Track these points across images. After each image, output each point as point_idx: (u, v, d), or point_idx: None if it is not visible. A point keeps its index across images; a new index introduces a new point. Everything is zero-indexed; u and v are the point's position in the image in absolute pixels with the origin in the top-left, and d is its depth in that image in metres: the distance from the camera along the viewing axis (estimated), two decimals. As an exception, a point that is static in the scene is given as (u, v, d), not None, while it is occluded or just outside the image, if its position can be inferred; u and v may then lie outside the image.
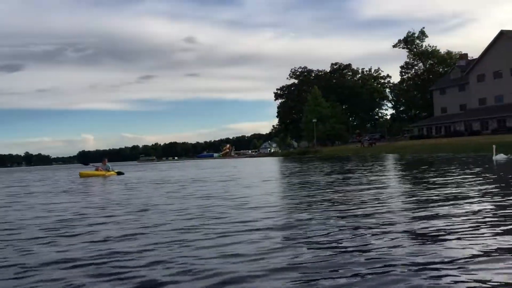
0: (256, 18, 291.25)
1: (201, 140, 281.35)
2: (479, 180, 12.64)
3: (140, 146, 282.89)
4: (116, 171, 29.99)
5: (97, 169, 28.89)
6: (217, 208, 9.00)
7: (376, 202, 8.91)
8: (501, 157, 22.40)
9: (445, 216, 6.82)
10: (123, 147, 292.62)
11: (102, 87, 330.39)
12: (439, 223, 6.30)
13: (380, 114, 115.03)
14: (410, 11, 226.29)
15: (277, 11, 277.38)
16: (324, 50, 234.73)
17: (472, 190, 10.26)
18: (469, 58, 79.70)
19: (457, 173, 15.58)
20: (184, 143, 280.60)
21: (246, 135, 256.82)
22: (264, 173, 24.32)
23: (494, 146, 23.52)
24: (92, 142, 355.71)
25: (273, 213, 8.03)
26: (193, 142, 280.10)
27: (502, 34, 64.58)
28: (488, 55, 66.65)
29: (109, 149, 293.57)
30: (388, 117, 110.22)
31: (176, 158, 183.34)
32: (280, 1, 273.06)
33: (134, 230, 6.78)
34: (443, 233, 5.65)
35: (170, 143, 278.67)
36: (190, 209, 9.00)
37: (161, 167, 54.74)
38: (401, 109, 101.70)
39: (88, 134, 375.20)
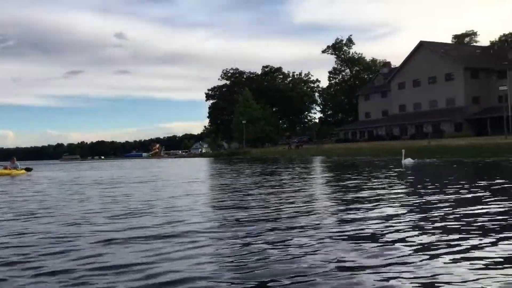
0: (190, 17, 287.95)
1: (131, 139, 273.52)
2: (387, 182, 13.03)
3: (65, 144, 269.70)
4: (24, 168, 28.72)
5: (5, 168, 27.21)
6: (109, 212, 8.45)
7: (292, 203, 8.89)
8: (408, 161, 23.65)
9: (358, 218, 6.91)
10: (47, 144, 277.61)
11: (25, 81, 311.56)
12: (350, 224, 6.37)
13: (309, 118, 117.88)
14: (341, 19, 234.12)
15: (211, 11, 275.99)
16: (256, 52, 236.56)
17: (378, 192, 10.47)
18: (392, 66, 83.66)
19: (366, 176, 16.04)
20: (112, 142, 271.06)
21: (178, 135, 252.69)
22: (186, 174, 23.81)
23: (403, 151, 24.78)
24: (12, 138, 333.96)
25: (164, 217, 7.62)
26: (122, 141, 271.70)
27: (422, 45, 68.36)
28: (408, 64, 70.30)
29: (31, 146, 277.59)
30: (317, 120, 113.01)
31: (102, 157, 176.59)
32: (215, 1, 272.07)
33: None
34: (355, 233, 5.76)
35: (98, 142, 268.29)
36: (72, 215, 8.38)
37: (83, 166, 52.45)
38: (329, 113, 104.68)
39: (7, 130, 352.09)
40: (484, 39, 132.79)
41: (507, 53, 62.07)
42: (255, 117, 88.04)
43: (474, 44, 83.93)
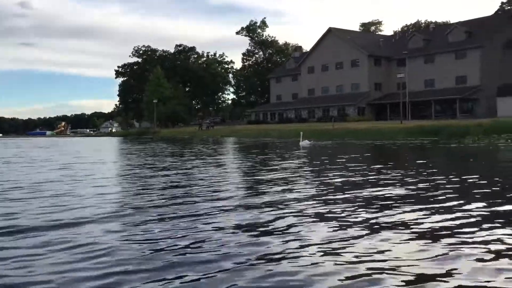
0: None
1: (35, 116, 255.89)
2: (278, 163, 13.23)
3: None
4: None
5: None
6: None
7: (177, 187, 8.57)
8: (305, 143, 24.49)
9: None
10: None
11: None
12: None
13: (222, 99, 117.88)
14: (257, 1, 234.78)
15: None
16: (172, 31, 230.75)
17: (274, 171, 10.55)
18: (303, 51, 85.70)
19: (262, 157, 16.24)
20: (13, 119, 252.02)
21: (87, 113, 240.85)
22: (73, 154, 22.60)
23: (301, 133, 25.65)
24: None
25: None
26: (25, 118, 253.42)
27: (330, 31, 70.62)
28: (317, 50, 72.38)
29: None
30: (230, 102, 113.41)
31: (0, 134, 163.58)
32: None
33: None
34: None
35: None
36: None
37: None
38: (242, 94, 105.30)
39: None
40: (388, 29, 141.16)
41: (407, 42, 66.04)
42: (166, 97, 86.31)
43: (379, 33, 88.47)
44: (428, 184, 8.33)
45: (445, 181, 8.63)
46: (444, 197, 6.85)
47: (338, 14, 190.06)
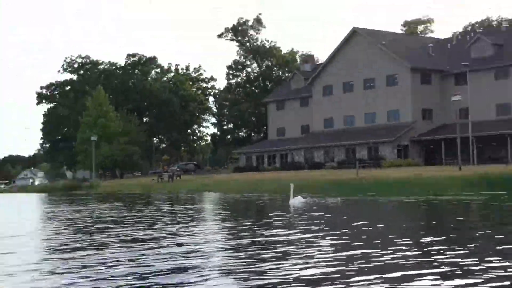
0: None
1: None
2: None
3: None
4: None
5: None
6: None
7: None
8: (297, 201, 24.31)
9: None
10: None
11: None
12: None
13: (199, 134, 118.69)
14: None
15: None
16: (123, 34, 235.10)
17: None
18: (316, 62, 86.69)
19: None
20: None
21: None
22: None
23: (291, 186, 25.41)
24: None
25: None
26: None
27: (355, 33, 71.60)
28: (336, 60, 73.17)
29: None
30: (209, 138, 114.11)
31: None
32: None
33: None
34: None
35: None
36: None
37: None
38: (227, 127, 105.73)
39: None
40: (443, 30, 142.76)
41: (470, 49, 66.79)
42: (111, 132, 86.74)
43: (430, 35, 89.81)
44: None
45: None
46: None
47: (370, 10, 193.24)
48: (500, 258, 9.26)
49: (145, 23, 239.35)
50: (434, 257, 9.57)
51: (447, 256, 9.62)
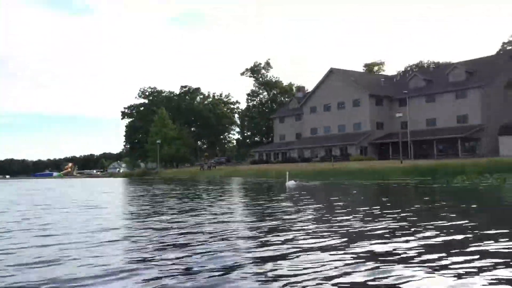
0: (109, 31, 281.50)
1: (45, 158, 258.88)
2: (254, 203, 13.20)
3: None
4: None
5: None
6: None
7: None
8: (291, 183, 24.42)
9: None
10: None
11: None
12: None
13: (228, 139, 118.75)
14: (265, 41, 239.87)
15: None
16: (178, 71, 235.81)
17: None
18: (306, 91, 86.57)
19: (242, 197, 16.23)
20: (23, 161, 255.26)
21: (96, 154, 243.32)
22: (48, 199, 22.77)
23: (287, 173, 25.55)
24: None
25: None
26: (34, 160, 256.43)
27: (332, 72, 71.52)
28: (319, 89, 73.13)
29: None
30: (235, 142, 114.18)
31: (7, 176, 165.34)
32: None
33: None
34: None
35: (6, 160, 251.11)
36: None
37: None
38: (247, 134, 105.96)
39: None
40: (391, 69, 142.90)
41: (409, 82, 66.54)
42: (170, 137, 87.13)
43: (382, 73, 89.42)
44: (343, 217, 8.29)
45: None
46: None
47: (342, 54, 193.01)
48: (427, 218, 9.36)
49: (193, 64, 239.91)
50: (378, 218, 9.67)
51: (385, 218, 9.72)
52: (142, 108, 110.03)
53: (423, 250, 6.03)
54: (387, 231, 7.81)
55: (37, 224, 10.04)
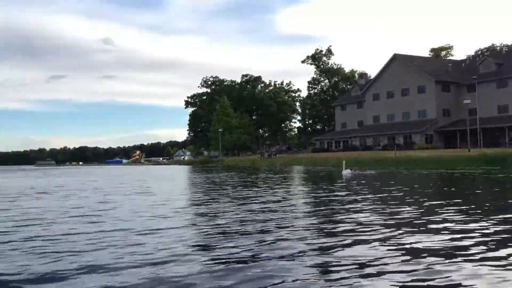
0: (177, 24, 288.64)
1: (115, 145, 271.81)
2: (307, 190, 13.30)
3: (48, 149, 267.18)
4: None
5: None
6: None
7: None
8: (347, 172, 24.14)
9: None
10: (29, 149, 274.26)
11: (8, 84, 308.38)
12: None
13: (289, 127, 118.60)
14: (327, 29, 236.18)
15: (198, 18, 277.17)
16: (240, 61, 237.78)
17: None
18: (368, 77, 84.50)
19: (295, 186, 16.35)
20: (95, 148, 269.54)
21: (162, 142, 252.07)
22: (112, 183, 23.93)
23: (343, 162, 25.24)
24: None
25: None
26: (105, 147, 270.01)
27: (395, 58, 69.24)
28: (382, 76, 71.10)
29: (12, 151, 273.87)
30: (296, 130, 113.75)
31: (81, 163, 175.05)
32: (203, 9, 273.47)
33: None
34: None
35: (80, 148, 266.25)
36: None
37: (42, 173, 51.70)
38: (308, 122, 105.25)
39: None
40: (460, 53, 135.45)
41: (478, 67, 63.09)
42: (232, 126, 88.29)
43: (450, 57, 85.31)
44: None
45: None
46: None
47: (408, 39, 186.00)
48: (489, 211, 9.03)
49: (254, 54, 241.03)
50: (434, 210, 9.44)
51: (443, 210, 9.48)
52: (205, 97, 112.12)
53: (486, 246, 5.69)
54: (445, 224, 7.54)
55: (110, 209, 10.69)
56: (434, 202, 10.66)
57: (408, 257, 5.15)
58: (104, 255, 5.52)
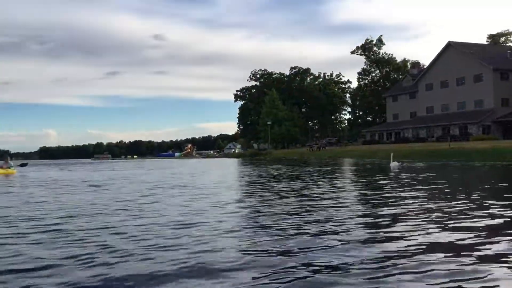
0: (228, 18, 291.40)
1: (168, 139, 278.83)
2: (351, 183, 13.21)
3: (105, 143, 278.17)
4: (19, 164, 33.12)
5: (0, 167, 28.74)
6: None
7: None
8: (395, 164, 23.59)
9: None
10: (87, 143, 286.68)
11: (67, 81, 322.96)
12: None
13: (339, 119, 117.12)
14: (379, 18, 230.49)
15: (249, 11, 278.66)
16: (288, 53, 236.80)
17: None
18: (421, 67, 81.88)
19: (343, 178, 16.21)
20: (149, 142, 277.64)
21: (213, 135, 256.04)
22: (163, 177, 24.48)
23: (391, 154, 24.72)
24: (54, 137, 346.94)
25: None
26: (158, 141, 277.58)
27: (450, 45, 66.63)
28: (436, 65, 68.66)
29: (72, 145, 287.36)
30: (346, 122, 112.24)
31: (135, 156, 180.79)
32: (253, 2, 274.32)
33: None
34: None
35: (135, 141, 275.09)
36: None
37: (102, 166, 53.51)
38: (358, 114, 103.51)
39: (50, 130, 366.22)
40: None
41: (541, 53, 59.75)
42: (280, 118, 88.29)
43: (510, 44, 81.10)
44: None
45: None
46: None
47: (463, 27, 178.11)
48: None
49: (302, 46, 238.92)
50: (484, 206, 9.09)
51: (495, 206, 9.09)
52: (254, 90, 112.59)
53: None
54: (492, 221, 7.04)
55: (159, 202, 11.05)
56: (481, 195, 10.25)
57: (449, 254, 4.90)
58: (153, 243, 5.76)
